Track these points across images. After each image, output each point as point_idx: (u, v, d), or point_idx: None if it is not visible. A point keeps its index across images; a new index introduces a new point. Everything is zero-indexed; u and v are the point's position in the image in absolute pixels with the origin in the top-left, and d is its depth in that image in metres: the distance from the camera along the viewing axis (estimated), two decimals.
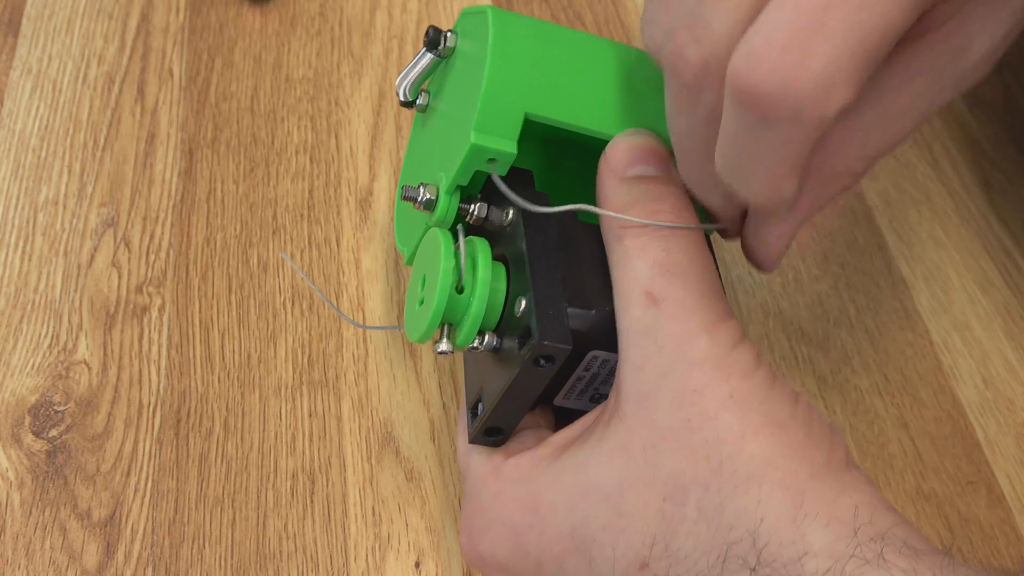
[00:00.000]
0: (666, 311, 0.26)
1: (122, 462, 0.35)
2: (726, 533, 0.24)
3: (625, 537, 0.25)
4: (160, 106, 0.45)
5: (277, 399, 0.37)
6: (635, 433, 0.25)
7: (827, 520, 0.23)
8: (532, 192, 0.29)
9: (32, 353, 0.37)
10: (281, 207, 0.42)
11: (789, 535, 0.23)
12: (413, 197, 0.30)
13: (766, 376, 0.25)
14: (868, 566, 0.22)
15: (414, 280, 0.30)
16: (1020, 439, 0.39)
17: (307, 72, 0.47)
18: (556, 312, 0.26)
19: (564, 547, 0.26)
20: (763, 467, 0.24)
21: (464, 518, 0.29)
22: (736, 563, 0.23)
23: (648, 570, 0.25)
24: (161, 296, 0.39)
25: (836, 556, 0.22)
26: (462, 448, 0.31)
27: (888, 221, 0.45)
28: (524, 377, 0.27)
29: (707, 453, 0.24)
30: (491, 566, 0.28)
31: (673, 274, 0.26)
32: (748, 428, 0.24)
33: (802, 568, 0.22)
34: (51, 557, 0.33)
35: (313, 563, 0.33)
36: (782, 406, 0.25)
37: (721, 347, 0.25)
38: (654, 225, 0.27)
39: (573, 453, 0.27)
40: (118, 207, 0.42)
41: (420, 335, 0.28)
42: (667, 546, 0.24)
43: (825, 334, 0.41)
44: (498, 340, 0.28)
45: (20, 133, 0.44)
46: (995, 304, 0.43)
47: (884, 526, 0.23)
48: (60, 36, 0.48)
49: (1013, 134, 0.49)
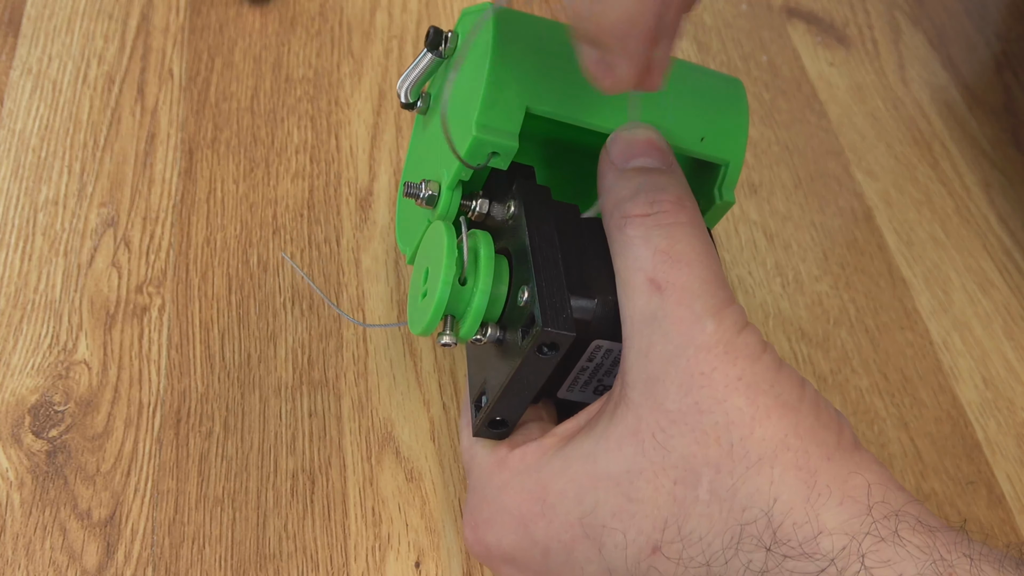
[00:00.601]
0: (671, 297, 0.26)
1: (122, 462, 0.35)
2: (739, 514, 0.24)
3: (636, 522, 0.25)
4: (160, 106, 0.45)
5: (277, 399, 0.37)
6: (643, 419, 0.25)
7: (840, 499, 0.23)
8: (534, 186, 0.30)
9: (32, 353, 0.37)
10: (281, 207, 0.42)
11: (803, 514, 0.23)
12: (415, 193, 0.30)
13: (773, 359, 0.26)
14: (883, 543, 0.22)
15: (417, 273, 0.30)
16: (1020, 439, 0.39)
17: (307, 72, 0.47)
18: (559, 300, 0.26)
19: (573, 534, 0.26)
20: (775, 449, 0.24)
21: (468, 510, 0.29)
22: (751, 543, 0.23)
23: (660, 554, 0.25)
24: (161, 296, 0.39)
25: (852, 534, 0.22)
26: (466, 442, 0.31)
27: (888, 221, 0.45)
28: (528, 366, 0.27)
29: (717, 435, 0.24)
30: (496, 557, 0.28)
31: (676, 261, 0.26)
32: (759, 410, 0.24)
33: (818, 546, 0.23)
34: (51, 557, 0.33)
35: (313, 563, 0.33)
36: (791, 389, 0.25)
37: (728, 331, 0.25)
38: (655, 215, 0.27)
39: (579, 442, 0.27)
40: (118, 207, 0.42)
41: (423, 328, 0.28)
42: (679, 529, 0.24)
43: (825, 334, 0.41)
44: (501, 332, 0.28)
45: (20, 133, 0.44)
46: (995, 304, 0.43)
47: (897, 504, 0.23)
48: (60, 36, 0.48)
49: (1013, 134, 0.49)
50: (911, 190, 0.47)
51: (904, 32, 0.54)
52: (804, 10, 0.54)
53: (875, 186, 0.46)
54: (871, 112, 0.49)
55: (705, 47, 0.51)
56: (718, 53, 0.51)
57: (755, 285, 0.42)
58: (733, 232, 0.44)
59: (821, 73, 0.51)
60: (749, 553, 0.23)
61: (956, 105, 0.50)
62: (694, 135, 0.30)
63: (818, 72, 0.51)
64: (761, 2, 0.54)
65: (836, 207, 0.45)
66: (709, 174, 0.31)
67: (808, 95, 0.50)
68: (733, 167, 0.31)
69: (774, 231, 0.44)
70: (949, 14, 0.55)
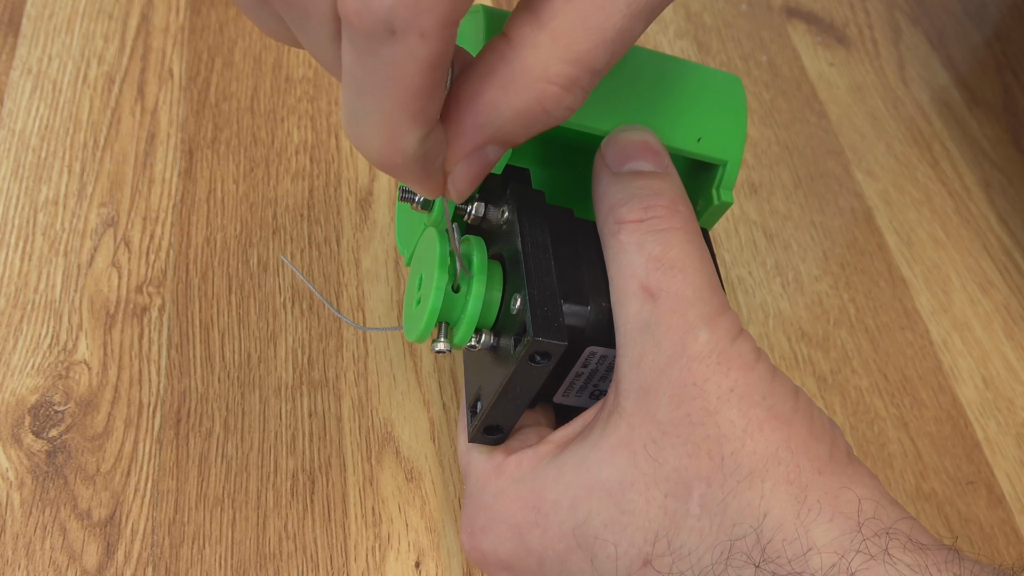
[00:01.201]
0: (664, 305, 0.25)
1: (122, 462, 0.35)
2: (729, 529, 0.23)
3: (627, 534, 0.25)
4: (160, 106, 0.45)
5: (277, 399, 0.37)
6: (635, 429, 0.25)
7: (831, 515, 0.23)
8: (528, 190, 0.29)
9: (32, 353, 0.37)
10: (281, 207, 0.42)
11: (793, 531, 0.23)
12: (411, 197, 0.30)
13: (767, 369, 0.25)
14: (873, 561, 0.22)
15: (412, 280, 0.30)
16: (1020, 439, 0.39)
17: (307, 72, 0.47)
18: (551, 309, 0.26)
19: (567, 544, 0.26)
20: (766, 463, 0.24)
21: (465, 516, 0.29)
22: (740, 559, 0.23)
23: (651, 567, 0.25)
24: (161, 296, 0.39)
25: (841, 551, 0.22)
26: (462, 447, 0.31)
27: (888, 221, 0.45)
28: (520, 374, 0.27)
29: (709, 449, 0.24)
30: (493, 564, 0.28)
31: (670, 268, 0.26)
32: (751, 423, 0.24)
33: (807, 563, 0.22)
34: (51, 557, 0.33)
35: (313, 563, 0.33)
36: (784, 400, 0.25)
37: (721, 340, 0.25)
38: (650, 220, 0.27)
39: (574, 450, 0.27)
40: (118, 207, 0.42)
41: (418, 334, 0.28)
42: (670, 543, 0.24)
43: (825, 334, 0.41)
44: (495, 339, 0.28)
45: (20, 133, 0.44)
46: (995, 304, 0.43)
47: (888, 521, 0.23)
48: (60, 36, 0.48)
49: (1013, 134, 0.49)
50: (911, 190, 0.47)
51: (904, 32, 0.54)
52: (804, 10, 0.54)
53: (875, 186, 0.46)
54: (871, 112, 0.49)
55: (705, 47, 0.51)
56: (718, 53, 0.51)
57: (755, 285, 0.42)
58: (733, 232, 0.44)
59: (821, 73, 0.51)
60: (738, 569, 0.23)
61: (956, 105, 0.50)
62: (691, 135, 0.30)
63: (818, 72, 0.51)
64: (761, 2, 0.54)
65: (836, 207, 0.45)
66: (707, 174, 0.31)
67: (808, 95, 0.50)
68: (731, 167, 0.31)
69: (774, 231, 0.44)
70: (949, 14, 0.55)
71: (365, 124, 0.20)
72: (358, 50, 0.19)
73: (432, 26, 0.18)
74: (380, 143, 0.21)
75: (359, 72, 0.19)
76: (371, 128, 0.20)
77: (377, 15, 0.18)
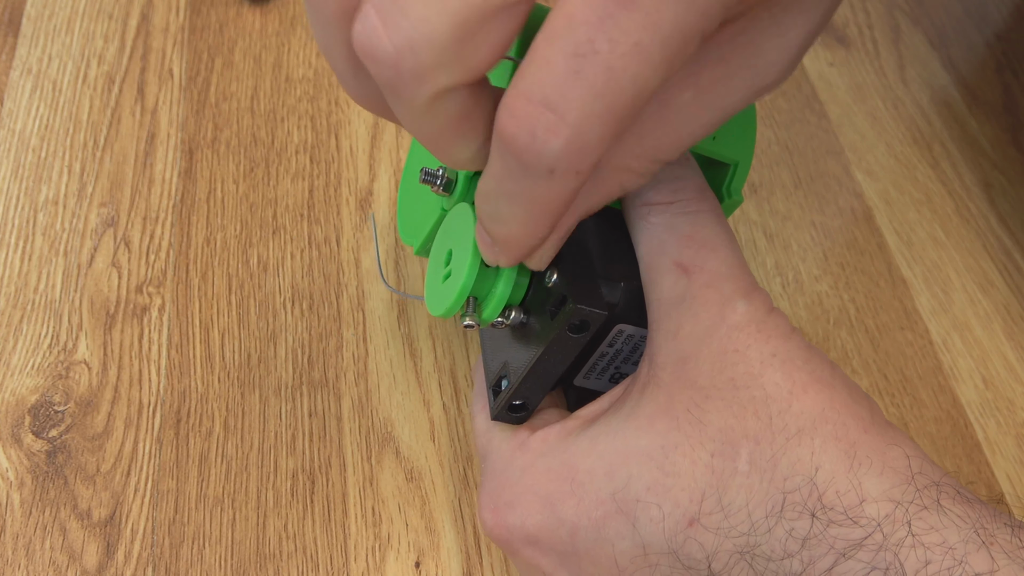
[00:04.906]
0: (699, 280, 0.26)
1: (122, 462, 0.35)
2: (781, 483, 0.24)
3: (672, 495, 0.25)
4: (160, 106, 0.45)
5: (277, 399, 0.37)
6: (676, 396, 0.26)
7: (881, 469, 0.23)
8: None
9: (32, 353, 0.37)
10: (281, 207, 0.42)
11: (846, 483, 0.23)
12: (432, 180, 0.30)
13: (803, 339, 0.26)
14: (926, 511, 0.23)
15: (436, 256, 0.30)
16: (1020, 439, 0.39)
17: (307, 72, 0.47)
18: (589, 281, 0.27)
19: (604, 511, 0.26)
20: (814, 422, 0.24)
21: (486, 494, 0.29)
22: (795, 510, 0.23)
23: (697, 525, 0.25)
24: (161, 296, 0.39)
25: (896, 501, 0.23)
26: (482, 426, 0.31)
27: (888, 221, 0.45)
28: (556, 346, 0.27)
29: (755, 409, 0.25)
30: (519, 539, 0.28)
31: (702, 246, 0.27)
32: (796, 385, 0.25)
33: (863, 512, 0.23)
34: (51, 557, 0.33)
35: (313, 563, 0.33)
36: (823, 366, 0.25)
37: (759, 311, 0.26)
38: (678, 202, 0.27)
39: (607, 421, 0.27)
40: (118, 207, 0.42)
41: (445, 309, 0.28)
42: (719, 500, 0.25)
43: (825, 334, 0.41)
44: (524, 315, 0.28)
45: (20, 133, 0.44)
46: (995, 304, 0.43)
47: (936, 476, 0.24)
48: (60, 36, 0.48)
49: (1013, 134, 0.49)
50: (911, 190, 0.47)
51: (904, 32, 0.54)
52: None
53: (875, 186, 0.46)
54: (871, 112, 0.49)
55: None
56: None
57: None
58: (733, 232, 0.44)
59: (821, 73, 0.51)
60: (792, 521, 0.23)
61: (956, 105, 0.50)
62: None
63: (818, 72, 0.51)
64: None
65: (836, 207, 0.45)
66: (718, 173, 0.32)
67: (808, 95, 0.50)
68: (742, 166, 0.31)
69: (774, 231, 0.44)
70: (949, 14, 0.55)
71: (506, 218, 0.23)
72: (511, 172, 0.21)
73: (588, 166, 0.20)
74: (515, 234, 0.23)
75: (509, 185, 0.21)
76: (510, 224, 0.23)
77: (542, 159, 0.19)
